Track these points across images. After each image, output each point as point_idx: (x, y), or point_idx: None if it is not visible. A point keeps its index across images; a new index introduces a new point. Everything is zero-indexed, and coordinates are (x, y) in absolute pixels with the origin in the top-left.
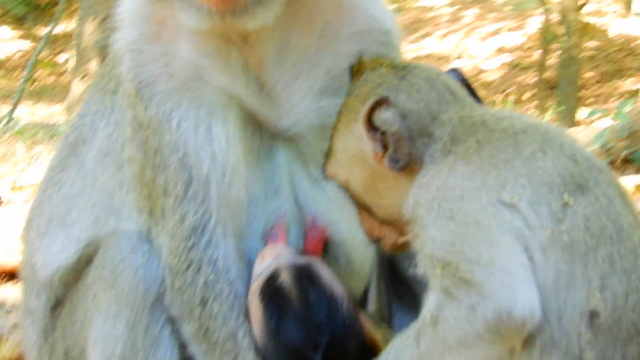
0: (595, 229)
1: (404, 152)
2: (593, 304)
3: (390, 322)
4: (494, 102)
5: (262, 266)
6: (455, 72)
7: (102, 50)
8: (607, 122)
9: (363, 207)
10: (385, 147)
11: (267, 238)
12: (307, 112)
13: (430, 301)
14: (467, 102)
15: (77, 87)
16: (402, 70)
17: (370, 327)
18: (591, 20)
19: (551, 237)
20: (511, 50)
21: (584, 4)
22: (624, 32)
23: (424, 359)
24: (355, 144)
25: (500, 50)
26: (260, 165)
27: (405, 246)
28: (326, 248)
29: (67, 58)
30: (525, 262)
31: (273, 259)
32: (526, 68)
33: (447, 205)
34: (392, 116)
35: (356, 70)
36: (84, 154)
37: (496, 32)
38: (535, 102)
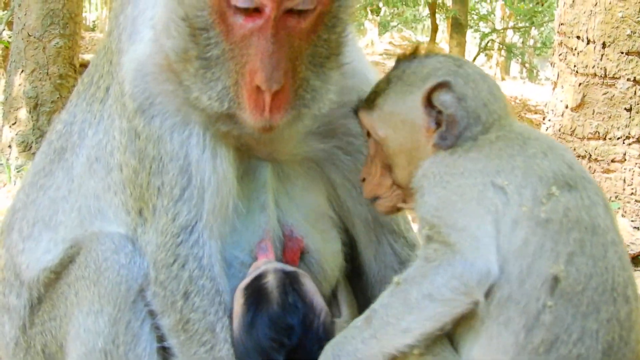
0: (573, 218)
1: (454, 134)
2: (555, 272)
3: None
4: None
5: (251, 272)
6: None
7: (30, 100)
8: None
9: (386, 165)
10: (438, 125)
11: (257, 251)
12: (295, 148)
13: (412, 264)
14: (504, 102)
15: (7, 133)
16: (457, 60)
17: None
18: None
19: (527, 213)
20: None
21: None
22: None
23: (400, 310)
24: (407, 113)
25: None
26: (248, 181)
27: (398, 211)
28: (302, 257)
29: None
30: (491, 231)
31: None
32: None
33: (446, 177)
34: (450, 100)
35: (409, 54)
36: (71, 159)
37: None
38: None
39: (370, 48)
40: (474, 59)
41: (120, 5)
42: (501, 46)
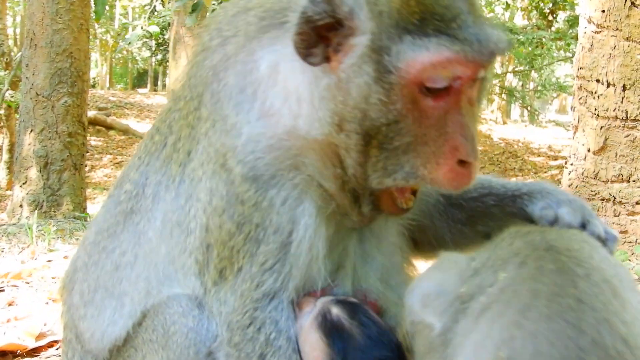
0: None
1: None
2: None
3: None
4: None
5: (303, 311)
6: None
7: (40, 159)
8: None
9: None
10: None
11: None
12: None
13: None
14: None
15: (18, 193)
16: None
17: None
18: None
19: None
20: None
21: None
22: (504, 137)
23: None
24: None
25: None
26: (335, 248)
27: None
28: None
29: None
30: None
31: (313, 303)
32: None
33: None
34: None
35: None
36: (142, 224)
37: None
38: None
39: None
40: None
41: (209, 76)
42: (502, 90)
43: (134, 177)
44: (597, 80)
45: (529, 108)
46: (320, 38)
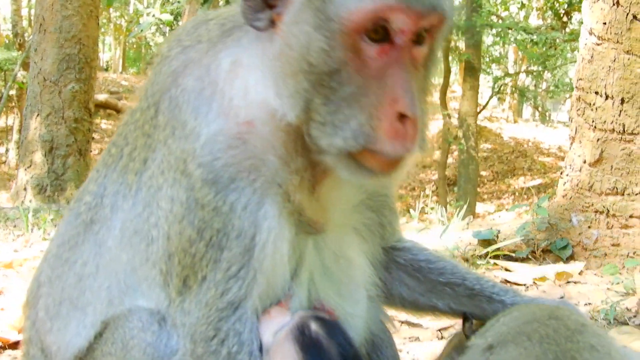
0: None
1: None
2: None
3: None
4: (399, 196)
5: (276, 321)
6: None
7: (45, 144)
8: (506, 217)
9: None
10: None
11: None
12: (341, 218)
13: None
14: None
15: (22, 176)
16: None
17: None
18: (486, 125)
19: None
20: None
21: (480, 110)
22: (514, 136)
23: None
24: None
25: None
26: (293, 256)
27: None
28: None
29: (6, 149)
30: None
31: (285, 314)
32: (427, 166)
33: None
34: None
35: None
36: (102, 233)
37: None
38: (434, 198)
39: None
40: (487, 102)
41: (167, 83)
42: (514, 89)
43: (92, 189)
44: (596, 92)
45: (539, 109)
46: (266, 5)
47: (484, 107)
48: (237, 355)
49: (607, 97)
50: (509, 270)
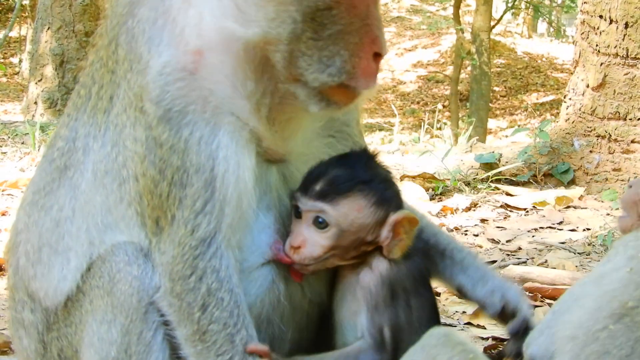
0: None
1: None
2: None
3: None
4: (412, 110)
5: None
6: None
7: (56, 57)
8: (518, 136)
9: None
10: None
11: (274, 252)
12: (302, 147)
13: None
14: None
15: (33, 89)
16: None
17: None
18: (500, 40)
19: None
20: (426, 65)
21: (494, 25)
22: (528, 51)
23: None
24: None
25: (417, 65)
26: (259, 185)
27: None
28: None
29: (19, 60)
30: None
31: None
32: (440, 81)
33: None
34: None
35: None
36: (76, 177)
37: (413, 49)
38: (447, 113)
39: (396, 3)
40: (501, 16)
41: (124, 14)
42: (528, 4)
43: (64, 134)
44: (600, 16)
45: (554, 24)
46: None
47: (498, 21)
48: (217, 292)
49: (611, 22)
50: (510, 195)
